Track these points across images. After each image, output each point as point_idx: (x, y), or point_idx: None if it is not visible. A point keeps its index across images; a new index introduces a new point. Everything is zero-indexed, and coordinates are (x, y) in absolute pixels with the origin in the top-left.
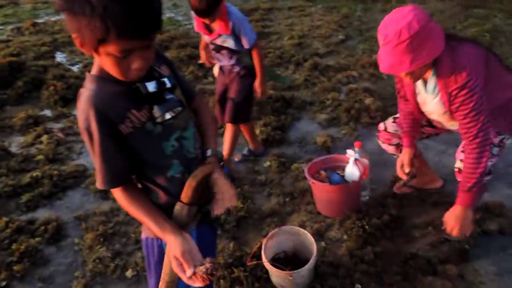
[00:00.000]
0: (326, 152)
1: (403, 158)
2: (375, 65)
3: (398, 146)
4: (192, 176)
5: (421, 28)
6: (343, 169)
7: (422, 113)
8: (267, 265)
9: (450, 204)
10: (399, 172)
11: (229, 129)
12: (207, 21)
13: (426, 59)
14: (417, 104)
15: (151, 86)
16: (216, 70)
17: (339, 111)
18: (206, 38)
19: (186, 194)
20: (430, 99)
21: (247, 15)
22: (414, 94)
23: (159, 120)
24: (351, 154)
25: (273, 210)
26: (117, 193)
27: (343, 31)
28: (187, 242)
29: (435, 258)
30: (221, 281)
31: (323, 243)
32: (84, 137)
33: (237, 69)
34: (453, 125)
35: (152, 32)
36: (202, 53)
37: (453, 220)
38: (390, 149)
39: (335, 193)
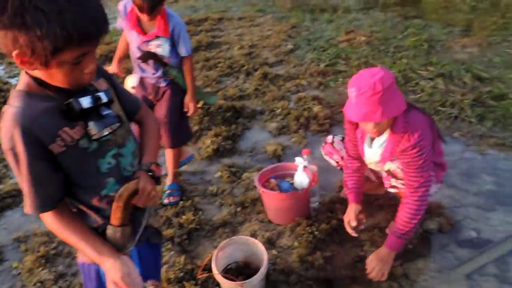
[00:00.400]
0: (277, 160)
1: (349, 214)
2: (323, 73)
3: (338, 163)
4: (117, 196)
5: (391, 84)
6: (292, 176)
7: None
8: (218, 277)
9: (394, 206)
10: (346, 227)
11: (170, 152)
12: (146, 17)
13: (395, 111)
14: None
15: (85, 102)
16: (131, 83)
17: (288, 119)
18: (136, 40)
19: (115, 216)
20: (374, 152)
21: (197, 25)
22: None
23: (95, 137)
24: (299, 161)
25: (224, 220)
26: (48, 218)
27: (292, 40)
28: (126, 265)
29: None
30: None
31: (274, 251)
32: (9, 158)
33: (163, 84)
34: (393, 181)
35: (106, 28)
36: (115, 64)
37: (376, 262)
38: (332, 162)
39: (285, 201)
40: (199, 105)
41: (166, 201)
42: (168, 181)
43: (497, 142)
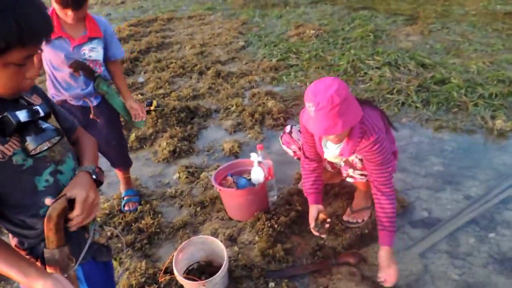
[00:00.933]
0: (234, 157)
1: (310, 215)
2: (275, 68)
3: (296, 153)
4: (46, 218)
5: (347, 94)
6: (249, 172)
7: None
8: (179, 278)
9: (350, 194)
10: (312, 230)
11: (122, 174)
12: (71, 15)
13: (354, 120)
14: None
15: (22, 115)
16: None
17: (244, 116)
18: (62, 50)
19: (48, 239)
20: (332, 152)
21: (146, 26)
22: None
23: (34, 152)
24: (254, 157)
25: (184, 221)
26: None
27: (243, 37)
28: (59, 282)
29: (339, 246)
30: None
31: (236, 248)
32: None
33: (94, 103)
34: (351, 171)
35: (53, 28)
36: None
37: (393, 264)
38: (289, 152)
39: (243, 197)
40: (152, 108)
41: (126, 208)
42: (122, 188)
43: (442, 124)
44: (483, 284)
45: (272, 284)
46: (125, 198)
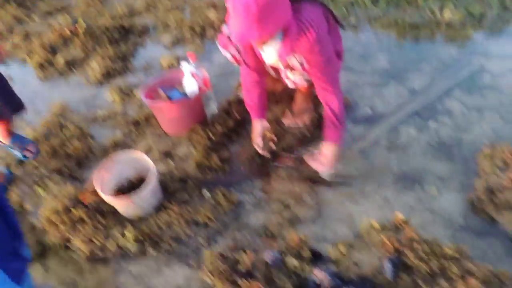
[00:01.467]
0: None
1: (253, 132)
2: None
3: (235, 57)
4: None
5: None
6: (181, 84)
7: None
8: (103, 196)
9: (291, 97)
10: (256, 148)
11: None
12: None
13: (275, 28)
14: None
15: None
16: None
17: (183, 30)
18: None
19: None
20: (269, 53)
21: None
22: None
23: None
24: (186, 67)
25: (117, 142)
26: None
27: None
28: None
29: (279, 148)
30: (61, 226)
31: (171, 162)
32: None
33: None
34: (291, 75)
35: None
36: None
37: (333, 158)
38: (228, 56)
39: (176, 110)
40: (78, 27)
41: (28, 154)
42: (4, 139)
43: (391, 22)
44: (419, 171)
45: (207, 192)
46: (16, 148)
